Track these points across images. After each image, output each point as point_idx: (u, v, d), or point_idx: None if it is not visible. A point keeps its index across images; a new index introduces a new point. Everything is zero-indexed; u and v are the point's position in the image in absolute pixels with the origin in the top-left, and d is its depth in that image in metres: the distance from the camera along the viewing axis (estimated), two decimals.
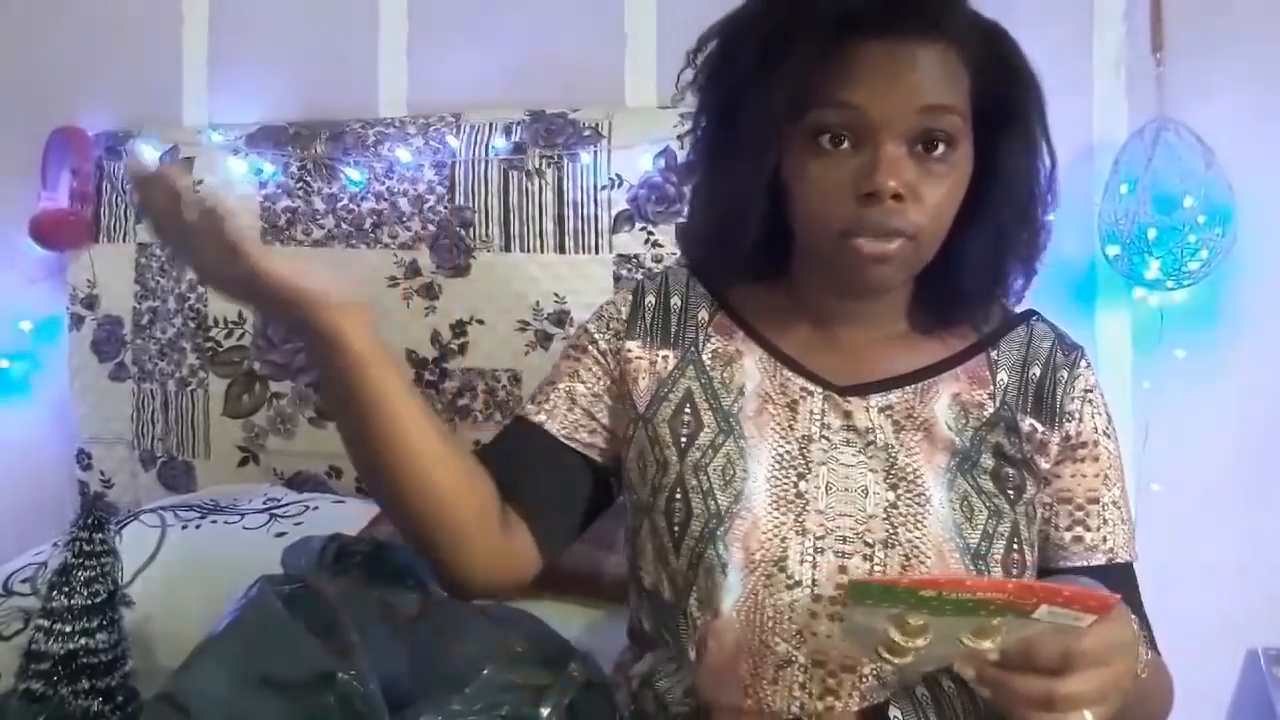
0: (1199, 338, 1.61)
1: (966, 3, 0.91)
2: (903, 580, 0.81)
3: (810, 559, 0.88)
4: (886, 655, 0.73)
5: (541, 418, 1.00)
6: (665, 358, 0.99)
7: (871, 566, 0.88)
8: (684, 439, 0.94)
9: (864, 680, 0.88)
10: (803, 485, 0.91)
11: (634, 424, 0.98)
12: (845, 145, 0.87)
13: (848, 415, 0.93)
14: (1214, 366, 1.61)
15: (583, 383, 1.00)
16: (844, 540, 0.89)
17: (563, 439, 0.99)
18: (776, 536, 0.89)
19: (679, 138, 1.01)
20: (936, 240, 0.90)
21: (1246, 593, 1.60)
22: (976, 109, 0.90)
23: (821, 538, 0.89)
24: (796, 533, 0.89)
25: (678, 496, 0.92)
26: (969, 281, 0.95)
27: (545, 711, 0.83)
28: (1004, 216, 0.93)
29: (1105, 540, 0.96)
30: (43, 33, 1.97)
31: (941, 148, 0.87)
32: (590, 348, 1.02)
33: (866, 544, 0.88)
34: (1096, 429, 0.97)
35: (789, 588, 0.88)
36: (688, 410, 0.95)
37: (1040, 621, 0.69)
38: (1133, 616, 0.80)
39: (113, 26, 1.94)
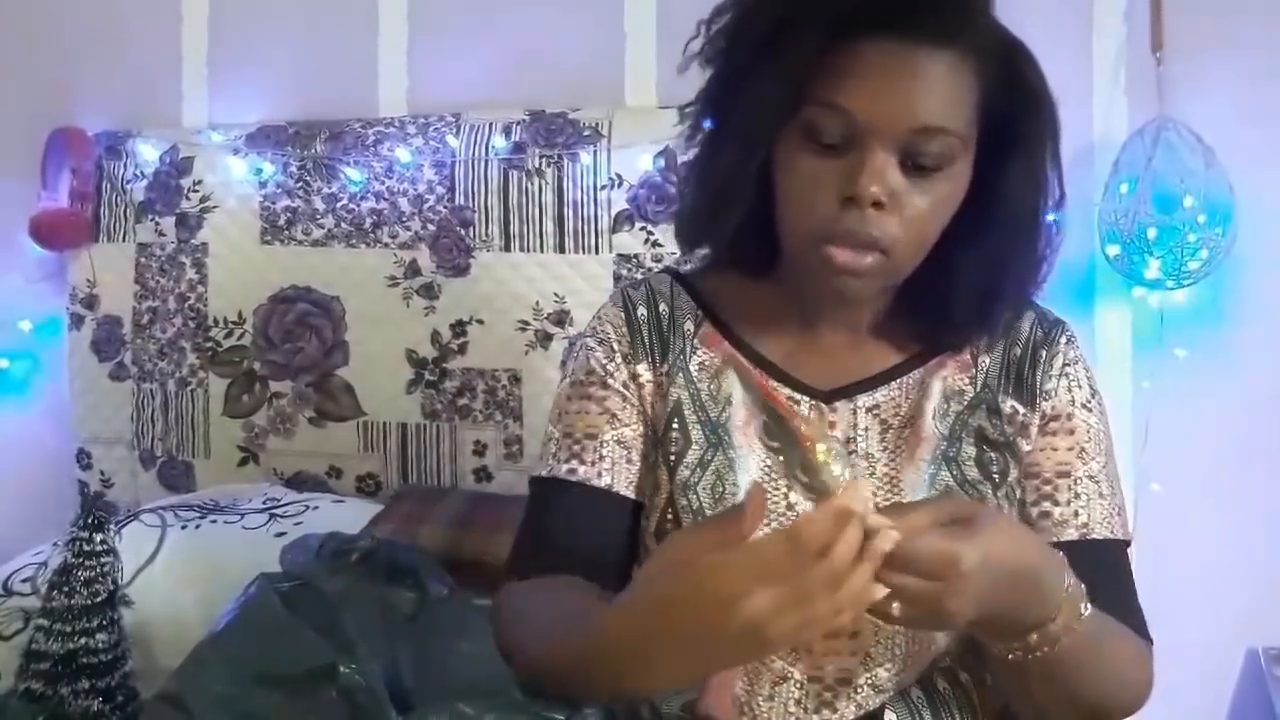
0: (1199, 337, 1.61)
1: (988, 12, 0.86)
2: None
3: None
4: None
5: (607, 480, 0.94)
6: (665, 372, 0.97)
7: None
8: (673, 457, 0.93)
9: (859, 691, 0.88)
10: (793, 497, 0.89)
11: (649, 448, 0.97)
12: (836, 144, 0.84)
13: (832, 426, 0.92)
14: (1214, 366, 1.61)
15: (627, 425, 0.96)
16: None
17: (635, 497, 0.95)
18: None
19: (681, 108, 0.98)
20: (913, 255, 0.87)
21: (1246, 593, 1.60)
22: (985, 122, 0.86)
23: None
24: None
25: (669, 517, 0.91)
26: (959, 304, 0.92)
27: None
28: (999, 242, 0.90)
29: (1077, 515, 0.92)
30: (42, 33, 1.97)
31: (934, 162, 0.84)
32: (611, 381, 0.97)
33: None
34: (1074, 402, 0.94)
35: None
36: (676, 425, 0.94)
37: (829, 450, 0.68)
38: (1070, 573, 0.78)
39: (113, 26, 1.94)
